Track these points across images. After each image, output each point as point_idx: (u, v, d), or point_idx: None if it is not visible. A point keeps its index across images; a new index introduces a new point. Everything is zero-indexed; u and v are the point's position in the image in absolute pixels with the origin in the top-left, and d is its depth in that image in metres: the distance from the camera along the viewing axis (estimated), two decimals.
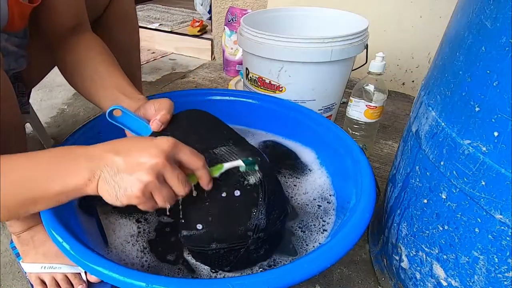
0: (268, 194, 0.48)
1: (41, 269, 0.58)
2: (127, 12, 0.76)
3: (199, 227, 0.47)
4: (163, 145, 0.38)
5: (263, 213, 0.47)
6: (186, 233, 0.48)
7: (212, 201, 0.46)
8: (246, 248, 0.48)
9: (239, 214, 0.46)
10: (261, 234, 0.48)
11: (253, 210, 0.46)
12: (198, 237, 0.47)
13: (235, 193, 0.46)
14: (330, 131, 0.68)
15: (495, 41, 0.36)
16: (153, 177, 0.37)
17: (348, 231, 0.46)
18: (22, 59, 0.59)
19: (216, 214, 0.46)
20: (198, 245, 0.48)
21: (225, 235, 0.47)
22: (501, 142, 0.36)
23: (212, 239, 0.47)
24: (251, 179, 0.46)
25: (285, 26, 1.02)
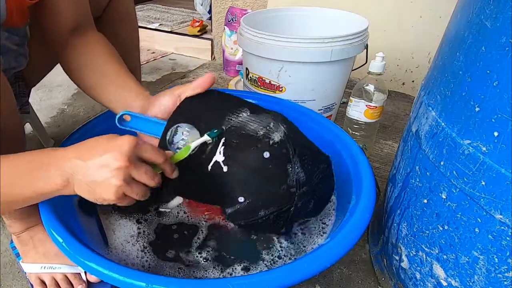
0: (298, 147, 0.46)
1: (41, 269, 0.57)
2: (127, 12, 0.76)
3: (241, 200, 0.45)
4: (123, 147, 0.40)
5: (299, 166, 0.45)
6: (231, 210, 0.47)
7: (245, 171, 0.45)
8: (294, 206, 0.46)
9: (275, 174, 0.45)
10: (304, 188, 0.46)
11: (288, 166, 0.45)
12: (243, 209, 0.46)
13: (265, 155, 0.44)
14: (330, 131, 0.68)
15: (495, 41, 0.36)
16: (121, 181, 0.39)
17: (348, 231, 0.46)
18: (22, 58, 0.59)
19: (254, 183, 0.45)
20: (247, 217, 0.47)
21: (270, 199, 0.45)
22: (501, 142, 0.36)
23: (258, 208, 0.45)
24: (275, 137, 0.45)
25: (285, 26, 1.02)
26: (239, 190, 0.46)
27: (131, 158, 0.40)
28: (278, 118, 0.47)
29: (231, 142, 0.47)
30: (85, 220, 0.56)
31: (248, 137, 0.45)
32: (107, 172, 0.39)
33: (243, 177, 0.45)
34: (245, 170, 0.45)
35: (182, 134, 0.49)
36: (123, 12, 0.75)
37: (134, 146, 0.40)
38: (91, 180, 0.40)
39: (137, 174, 0.41)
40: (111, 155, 0.39)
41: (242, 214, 0.47)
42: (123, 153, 0.39)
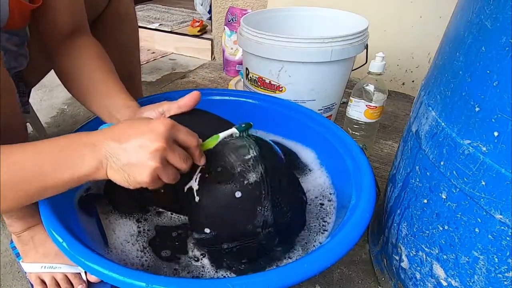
0: (273, 190, 0.46)
1: (41, 269, 0.58)
2: (127, 12, 0.76)
3: (207, 231, 0.47)
4: (160, 128, 0.39)
5: (268, 208, 0.46)
6: (197, 236, 0.48)
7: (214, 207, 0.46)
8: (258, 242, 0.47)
9: (243, 214, 0.46)
10: (270, 228, 0.47)
11: (258, 207, 0.45)
12: (208, 239, 0.48)
13: (236, 195, 0.45)
14: (330, 131, 0.68)
15: (495, 41, 0.36)
16: (158, 162, 0.39)
17: (348, 231, 0.46)
18: (22, 58, 0.59)
19: (221, 219, 0.46)
20: (210, 246, 0.49)
21: (235, 235, 0.47)
22: (501, 142, 0.36)
23: (222, 240, 0.47)
24: (251, 178, 0.45)
25: (285, 26, 1.02)
26: (206, 222, 0.47)
27: (168, 140, 0.40)
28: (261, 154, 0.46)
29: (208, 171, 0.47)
30: (85, 220, 0.56)
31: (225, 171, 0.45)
32: (145, 154, 0.38)
33: (212, 211, 0.46)
34: (214, 205, 0.46)
35: None
36: (123, 12, 0.75)
37: (171, 128, 0.40)
38: (127, 162, 0.39)
39: (172, 157, 0.40)
40: (148, 137, 0.39)
41: (206, 242, 0.48)
42: (161, 134, 0.39)
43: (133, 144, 0.39)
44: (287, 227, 0.50)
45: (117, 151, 0.39)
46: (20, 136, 0.50)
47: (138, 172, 0.39)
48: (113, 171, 0.40)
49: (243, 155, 0.47)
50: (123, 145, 0.39)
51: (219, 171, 0.46)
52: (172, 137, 0.41)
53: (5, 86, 0.45)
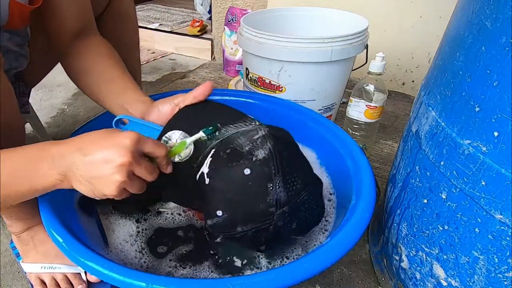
0: (283, 165, 0.45)
1: (41, 269, 0.57)
2: (127, 12, 0.76)
3: (219, 214, 0.46)
4: (126, 142, 0.39)
5: (280, 186, 0.44)
6: (210, 222, 0.47)
7: (225, 186, 0.46)
8: (273, 225, 0.46)
9: (254, 192, 0.44)
10: (285, 208, 0.45)
11: (269, 185, 0.44)
12: (221, 223, 0.46)
13: (245, 172, 0.44)
14: (330, 131, 0.68)
15: (495, 41, 0.36)
16: (124, 176, 0.39)
17: (348, 231, 0.46)
18: (23, 58, 0.59)
19: (232, 198, 0.45)
20: (225, 231, 0.47)
21: (248, 216, 0.45)
22: (501, 142, 0.36)
23: (235, 223, 0.45)
24: (259, 154, 0.44)
25: (285, 26, 1.02)
26: (217, 204, 0.46)
27: (134, 153, 0.40)
28: (270, 133, 0.46)
29: (218, 155, 0.47)
30: (85, 220, 0.56)
31: (234, 151, 0.45)
32: (110, 168, 0.39)
33: (223, 191, 0.46)
34: (225, 185, 0.46)
35: (176, 141, 0.49)
36: (124, 12, 0.75)
37: (137, 141, 0.40)
38: (93, 176, 0.39)
39: (138, 170, 0.41)
40: (114, 151, 0.39)
41: (220, 228, 0.47)
42: (127, 148, 0.39)
43: (98, 157, 0.39)
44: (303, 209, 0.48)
45: (82, 164, 0.39)
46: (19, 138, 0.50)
47: (104, 185, 0.39)
48: (78, 183, 0.40)
49: (252, 135, 0.46)
50: (88, 158, 0.39)
51: (228, 152, 0.46)
52: (138, 151, 0.41)
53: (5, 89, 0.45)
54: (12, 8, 0.47)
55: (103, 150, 0.39)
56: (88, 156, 0.39)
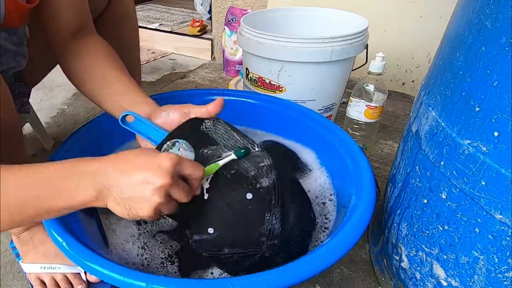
0: (283, 198, 0.46)
1: (40, 269, 0.57)
2: (127, 12, 0.76)
3: (211, 231, 0.45)
4: (166, 164, 0.39)
5: (277, 217, 0.45)
6: (198, 237, 0.46)
7: (223, 205, 0.46)
8: (260, 254, 0.46)
9: (251, 218, 0.45)
10: (276, 241, 0.46)
11: (266, 214, 0.45)
12: (210, 241, 0.46)
13: (247, 196, 0.45)
14: (330, 131, 0.68)
15: (495, 41, 0.36)
16: (162, 198, 0.39)
17: (348, 231, 0.46)
18: (21, 58, 0.59)
19: (228, 218, 0.45)
20: (211, 249, 0.47)
21: (238, 240, 0.45)
22: (501, 142, 0.36)
23: (224, 244, 0.45)
24: (264, 182, 0.45)
25: (285, 26, 1.02)
26: (211, 221, 0.46)
27: (174, 176, 0.39)
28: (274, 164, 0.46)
29: (221, 174, 0.47)
30: (85, 220, 0.56)
31: (238, 174, 0.45)
32: (150, 190, 0.38)
33: (220, 210, 0.45)
34: (223, 204, 0.45)
35: (178, 150, 0.49)
36: (123, 12, 0.75)
37: (177, 163, 0.40)
38: (130, 196, 0.38)
39: (176, 192, 0.40)
40: (154, 172, 0.38)
41: (206, 245, 0.46)
42: (167, 170, 0.38)
43: (138, 177, 0.38)
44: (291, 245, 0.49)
45: (120, 184, 0.38)
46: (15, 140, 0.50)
47: (141, 206, 0.39)
48: (114, 203, 0.39)
49: (258, 162, 0.47)
50: (127, 178, 0.38)
51: (233, 173, 0.46)
52: (178, 172, 0.40)
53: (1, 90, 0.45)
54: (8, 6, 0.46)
55: (143, 171, 0.38)
56: (127, 176, 0.38)
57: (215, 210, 0.46)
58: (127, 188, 0.38)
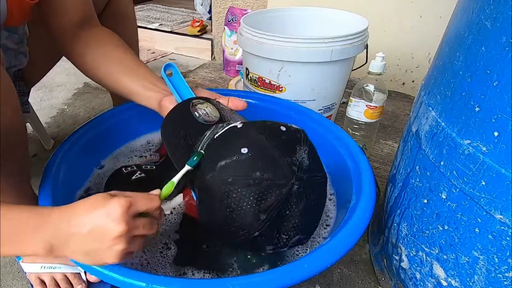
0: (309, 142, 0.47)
1: (41, 269, 0.57)
2: (126, 11, 0.76)
3: (245, 151, 0.43)
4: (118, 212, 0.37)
5: (306, 153, 0.45)
6: (228, 161, 0.43)
7: (257, 132, 0.45)
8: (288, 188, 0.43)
9: (285, 145, 0.44)
10: (304, 175, 0.44)
11: (297, 146, 0.45)
12: (242, 162, 0.43)
13: (281, 128, 0.46)
14: (330, 131, 0.68)
15: (495, 41, 0.36)
16: (124, 244, 0.38)
17: (348, 231, 0.46)
18: (22, 56, 0.59)
19: (262, 141, 0.44)
20: (240, 173, 0.43)
21: (271, 163, 0.43)
22: (501, 142, 0.36)
23: (257, 166, 0.43)
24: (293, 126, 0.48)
25: (285, 26, 1.02)
26: (244, 143, 0.44)
27: (129, 220, 0.38)
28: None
29: None
30: None
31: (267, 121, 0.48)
32: (108, 241, 0.37)
33: (254, 134, 0.45)
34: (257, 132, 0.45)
35: (206, 107, 0.53)
36: (122, 12, 0.75)
37: (128, 207, 0.38)
38: (90, 249, 0.38)
39: (137, 231, 0.40)
40: (108, 223, 0.37)
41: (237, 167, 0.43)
42: (119, 218, 0.37)
43: (94, 232, 0.37)
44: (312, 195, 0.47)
45: (78, 238, 0.38)
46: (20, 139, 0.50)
47: (105, 255, 0.38)
48: (74, 254, 0.39)
49: None
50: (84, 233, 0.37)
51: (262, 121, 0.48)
52: (133, 215, 0.39)
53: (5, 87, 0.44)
54: (10, 3, 0.46)
55: (97, 224, 0.37)
56: (82, 231, 0.37)
57: (248, 134, 0.45)
58: (87, 243, 0.38)
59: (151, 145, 0.77)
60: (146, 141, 0.77)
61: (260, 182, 0.42)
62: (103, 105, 1.15)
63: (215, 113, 0.53)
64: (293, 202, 0.44)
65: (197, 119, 0.51)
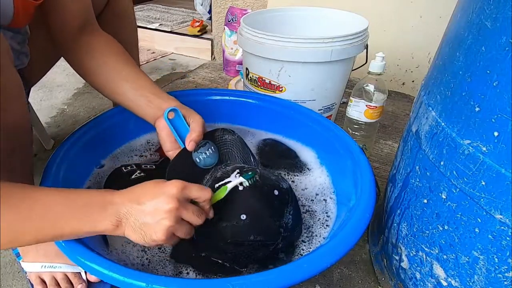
0: (295, 200, 0.55)
1: (41, 268, 0.57)
2: (126, 11, 0.76)
3: (243, 217, 0.49)
4: (172, 191, 0.43)
5: (291, 214, 0.53)
6: (228, 224, 0.50)
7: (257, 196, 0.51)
8: (275, 246, 0.51)
9: (276, 210, 0.51)
10: (287, 234, 0.52)
11: (285, 209, 0.52)
12: (240, 227, 0.49)
13: (275, 192, 0.52)
14: (330, 131, 0.68)
15: (495, 41, 0.36)
16: (172, 221, 0.42)
17: (348, 231, 0.46)
18: (23, 56, 0.59)
19: (259, 208, 0.50)
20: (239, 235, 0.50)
21: (264, 228, 0.50)
22: (501, 142, 0.36)
23: (252, 231, 0.50)
24: (284, 185, 0.54)
25: (285, 26, 1.02)
26: (244, 209, 0.50)
27: (181, 200, 0.43)
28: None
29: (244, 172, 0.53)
30: None
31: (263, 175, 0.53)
32: (159, 214, 0.42)
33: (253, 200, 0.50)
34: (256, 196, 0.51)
35: (207, 149, 0.59)
36: (122, 12, 0.75)
37: (182, 189, 0.43)
38: (144, 222, 0.42)
39: (186, 214, 0.44)
40: (162, 199, 0.42)
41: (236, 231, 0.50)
42: (172, 196, 0.42)
43: (149, 205, 0.42)
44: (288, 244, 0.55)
45: (136, 212, 0.42)
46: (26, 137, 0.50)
47: (154, 230, 0.42)
48: (131, 230, 0.42)
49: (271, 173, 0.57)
50: (141, 207, 0.42)
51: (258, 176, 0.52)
52: (185, 197, 0.44)
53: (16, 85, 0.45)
54: (17, 5, 0.47)
55: (153, 199, 0.42)
56: (141, 205, 0.42)
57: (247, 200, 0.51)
58: (141, 215, 0.42)
59: (151, 144, 0.77)
60: (146, 141, 0.77)
61: (253, 243, 0.50)
62: (103, 105, 1.16)
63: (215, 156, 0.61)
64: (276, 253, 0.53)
65: (198, 164, 0.59)
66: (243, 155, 0.64)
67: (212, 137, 0.62)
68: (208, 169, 0.60)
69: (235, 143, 0.64)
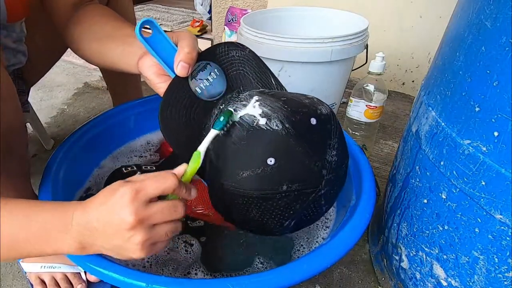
0: (339, 129, 0.42)
1: (41, 268, 0.57)
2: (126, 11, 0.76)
3: (271, 162, 0.37)
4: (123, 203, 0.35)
5: (335, 148, 0.40)
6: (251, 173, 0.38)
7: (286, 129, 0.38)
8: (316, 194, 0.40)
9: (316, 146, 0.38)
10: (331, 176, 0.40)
11: (328, 142, 0.39)
12: (268, 175, 0.38)
13: (312, 121, 0.38)
14: None
15: (495, 41, 0.36)
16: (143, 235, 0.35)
17: (348, 231, 0.46)
18: (20, 55, 0.59)
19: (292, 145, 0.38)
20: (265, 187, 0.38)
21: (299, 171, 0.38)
22: (501, 142, 0.36)
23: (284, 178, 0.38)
24: (322, 109, 0.40)
25: (285, 26, 1.02)
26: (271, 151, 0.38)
27: (139, 208, 0.35)
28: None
29: (267, 98, 0.39)
30: None
31: (293, 99, 0.39)
32: (124, 234, 0.35)
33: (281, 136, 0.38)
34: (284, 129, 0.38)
35: (209, 74, 0.43)
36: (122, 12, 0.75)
37: (135, 194, 0.35)
38: (114, 245, 0.37)
39: (155, 218, 0.36)
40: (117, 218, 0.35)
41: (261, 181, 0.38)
42: (127, 209, 0.35)
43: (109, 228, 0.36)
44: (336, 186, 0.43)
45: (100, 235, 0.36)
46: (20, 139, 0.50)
47: (128, 251, 0.37)
48: (104, 251, 0.38)
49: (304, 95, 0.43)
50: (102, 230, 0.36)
51: (284, 100, 0.40)
52: (143, 201, 0.35)
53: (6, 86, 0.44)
54: None
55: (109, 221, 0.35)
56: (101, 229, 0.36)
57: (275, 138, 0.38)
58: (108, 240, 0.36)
59: (150, 145, 0.77)
60: (146, 141, 0.77)
61: (288, 195, 0.38)
62: (103, 105, 1.15)
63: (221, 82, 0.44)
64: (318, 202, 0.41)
65: (199, 96, 0.43)
66: (259, 76, 0.46)
67: (214, 56, 0.45)
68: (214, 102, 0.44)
69: (247, 60, 0.46)
